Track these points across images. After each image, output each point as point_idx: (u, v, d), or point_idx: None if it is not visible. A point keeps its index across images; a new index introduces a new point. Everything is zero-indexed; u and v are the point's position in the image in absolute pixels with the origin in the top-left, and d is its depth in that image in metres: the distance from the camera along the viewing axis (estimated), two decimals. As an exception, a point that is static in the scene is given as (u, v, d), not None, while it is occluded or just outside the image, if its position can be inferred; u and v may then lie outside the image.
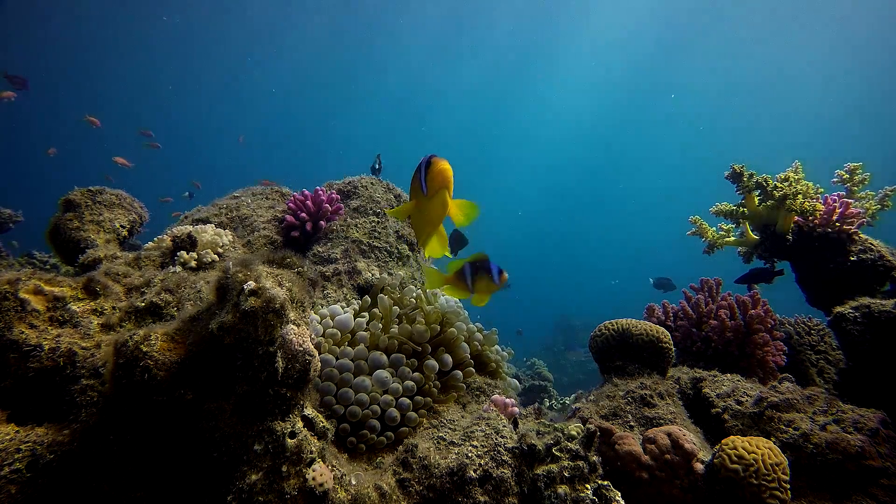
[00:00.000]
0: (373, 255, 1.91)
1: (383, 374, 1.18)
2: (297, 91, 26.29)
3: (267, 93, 25.29)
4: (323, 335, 1.27)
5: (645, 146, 28.41)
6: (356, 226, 1.97)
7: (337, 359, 1.21)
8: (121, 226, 1.62)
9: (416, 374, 1.23)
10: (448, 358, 1.30)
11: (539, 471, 0.97)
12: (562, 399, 5.01)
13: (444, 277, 1.36)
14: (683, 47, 20.77)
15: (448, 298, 1.49)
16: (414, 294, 1.49)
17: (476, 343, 1.44)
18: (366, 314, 1.38)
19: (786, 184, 2.10)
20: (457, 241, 3.29)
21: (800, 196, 2.06)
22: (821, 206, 2.06)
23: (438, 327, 1.36)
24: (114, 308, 1.09)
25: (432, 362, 1.26)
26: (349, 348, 1.24)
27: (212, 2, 18.62)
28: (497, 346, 1.52)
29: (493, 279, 1.33)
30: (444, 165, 1.16)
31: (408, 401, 1.17)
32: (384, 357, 1.23)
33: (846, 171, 2.21)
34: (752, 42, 19.93)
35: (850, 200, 2.06)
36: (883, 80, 20.35)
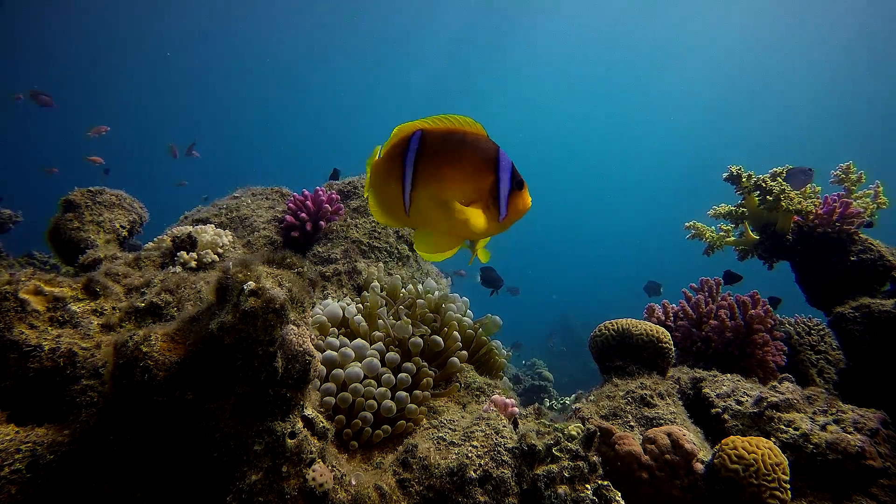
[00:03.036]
0: (373, 256, 1.91)
1: (371, 360, 1.17)
2: (296, 91, 26.34)
3: (265, 92, 25.32)
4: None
5: (642, 145, 28.45)
6: (356, 226, 1.97)
7: (322, 351, 1.19)
8: (121, 226, 1.62)
9: (409, 364, 1.21)
10: (439, 339, 1.27)
11: (539, 471, 0.97)
12: (562, 399, 5.01)
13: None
14: (672, 45, 20.80)
15: (444, 291, 1.50)
16: (406, 288, 1.48)
17: (470, 331, 1.42)
18: (359, 306, 1.37)
19: (775, 183, 2.10)
20: (489, 281, 3.40)
21: (794, 194, 2.07)
22: (812, 205, 2.06)
23: (433, 317, 1.35)
24: (114, 308, 1.09)
25: (416, 339, 1.23)
26: (333, 339, 1.22)
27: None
28: (497, 342, 1.52)
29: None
30: (528, 203, 1.04)
31: (404, 394, 1.16)
32: (366, 342, 1.22)
33: (841, 171, 2.21)
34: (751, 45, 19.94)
35: (850, 200, 2.06)
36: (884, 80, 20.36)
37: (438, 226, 1.09)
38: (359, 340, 1.22)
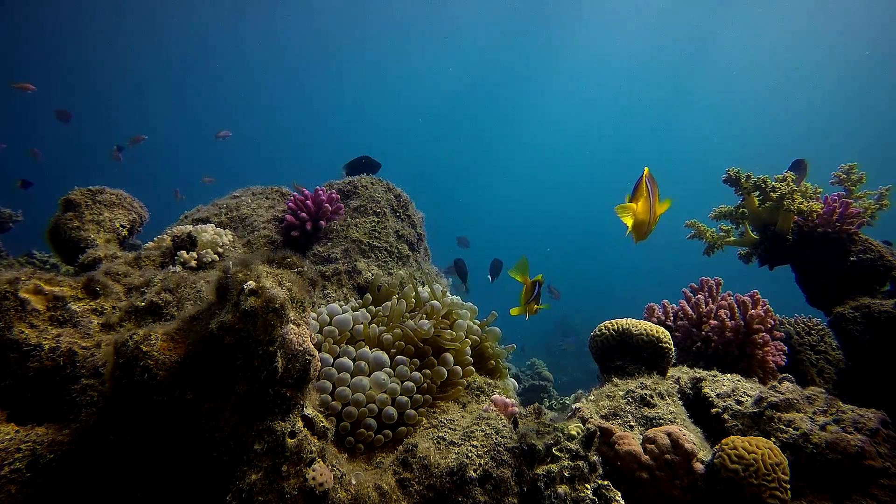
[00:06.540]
0: (373, 255, 1.91)
1: (381, 375, 1.18)
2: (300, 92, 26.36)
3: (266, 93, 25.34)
4: (320, 332, 1.27)
5: (641, 145, 28.49)
6: (356, 226, 1.97)
7: (336, 358, 1.20)
8: (121, 225, 1.62)
9: (416, 373, 1.22)
10: (449, 357, 1.30)
11: (539, 471, 0.97)
12: (562, 399, 5.01)
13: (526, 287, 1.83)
14: (674, 45, 20.75)
15: (454, 298, 1.51)
16: (419, 293, 1.50)
17: (476, 337, 1.44)
18: (366, 312, 1.38)
19: (783, 184, 2.10)
20: (493, 268, 4.06)
21: (797, 195, 2.07)
22: (818, 206, 2.06)
23: (445, 321, 1.36)
24: (114, 308, 1.09)
25: (440, 369, 1.26)
26: (350, 347, 1.24)
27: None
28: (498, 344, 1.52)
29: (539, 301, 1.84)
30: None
31: (406, 399, 1.17)
32: (385, 356, 1.22)
33: (843, 171, 2.21)
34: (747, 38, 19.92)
35: (850, 200, 2.06)
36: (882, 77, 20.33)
37: (652, 227, 1.61)
38: (378, 352, 1.23)
